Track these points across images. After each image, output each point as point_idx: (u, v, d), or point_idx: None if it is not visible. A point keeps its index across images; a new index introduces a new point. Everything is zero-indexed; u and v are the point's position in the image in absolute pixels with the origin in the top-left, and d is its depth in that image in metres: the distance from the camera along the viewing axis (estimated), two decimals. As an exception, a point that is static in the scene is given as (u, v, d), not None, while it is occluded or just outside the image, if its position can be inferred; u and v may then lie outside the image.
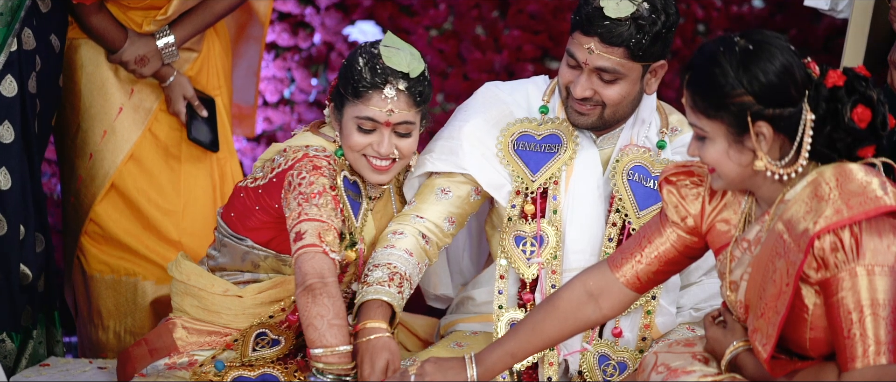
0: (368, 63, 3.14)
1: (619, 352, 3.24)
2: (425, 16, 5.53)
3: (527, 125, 3.30)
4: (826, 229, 2.44)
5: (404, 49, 3.17)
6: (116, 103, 3.95)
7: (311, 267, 3.02)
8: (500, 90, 3.38)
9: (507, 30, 5.54)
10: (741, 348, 2.66)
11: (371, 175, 3.22)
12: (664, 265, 2.80)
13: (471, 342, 3.35)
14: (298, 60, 5.58)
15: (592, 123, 3.24)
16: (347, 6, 5.54)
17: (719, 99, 2.53)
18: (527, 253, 3.23)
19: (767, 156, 2.54)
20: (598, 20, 3.10)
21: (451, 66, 5.52)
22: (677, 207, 2.75)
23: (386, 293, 3.13)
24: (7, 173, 3.53)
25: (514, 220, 3.25)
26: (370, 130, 3.17)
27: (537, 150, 3.27)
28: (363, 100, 3.14)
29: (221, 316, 3.28)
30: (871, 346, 2.42)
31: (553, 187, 3.25)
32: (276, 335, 3.23)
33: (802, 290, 2.51)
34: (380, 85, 3.13)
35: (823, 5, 3.90)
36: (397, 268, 3.18)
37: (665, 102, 3.45)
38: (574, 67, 3.18)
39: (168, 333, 3.29)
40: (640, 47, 3.12)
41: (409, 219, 3.29)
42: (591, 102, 3.20)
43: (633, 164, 3.25)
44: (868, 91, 2.49)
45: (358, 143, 3.18)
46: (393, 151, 3.18)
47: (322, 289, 2.99)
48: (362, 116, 3.15)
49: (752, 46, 2.52)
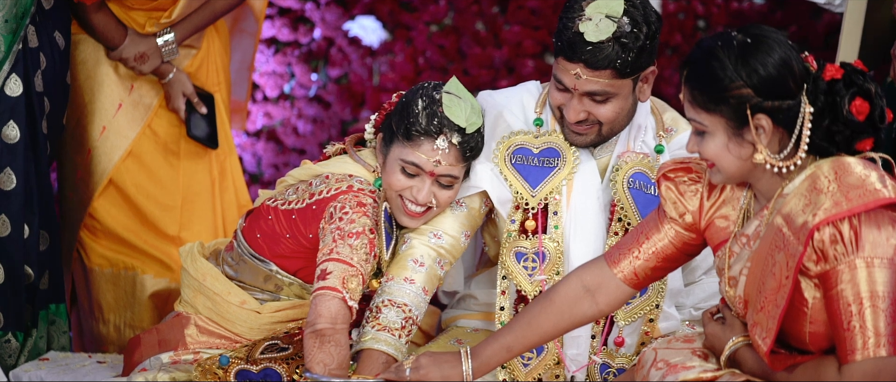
0: (427, 108, 3.09)
1: (618, 359, 3.23)
2: (425, 11, 5.53)
3: (523, 138, 3.24)
4: (825, 220, 2.44)
5: (465, 100, 3.12)
6: (116, 100, 3.95)
7: (327, 310, 2.98)
8: (495, 100, 3.30)
9: (508, 25, 5.54)
10: (740, 343, 2.66)
11: (403, 218, 3.18)
12: (662, 262, 2.79)
13: (471, 339, 3.34)
14: (298, 55, 5.58)
15: (592, 141, 3.19)
16: (347, 1, 5.54)
17: (718, 92, 2.53)
18: (528, 269, 3.19)
19: (767, 149, 2.54)
20: (581, 46, 3.01)
21: (452, 61, 5.52)
22: (675, 203, 2.75)
23: (393, 345, 3.09)
24: (11, 173, 3.52)
25: (513, 236, 3.21)
26: (413, 175, 3.13)
27: (535, 164, 3.22)
28: (413, 144, 3.10)
29: (235, 326, 3.27)
30: (871, 338, 2.42)
31: (554, 202, 3.19)
32: (286, 344, 3.21)
33: (802, 283, 2.50)
34: (433, 134, 3.09)
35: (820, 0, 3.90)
36: (411, 312, 3.13)
37: (664, 98, 3.43)
38: (563, 90, 3.12)
39: (180, 327, 3.27)
40: (626, 65, 3.04)
41: (426, 238, 3.22)
42: (587, 122, 3.14)
43: (633, 171, 3.20)
44: (866, 84, 2.50)
45: (399, 184, 3.13)
46: (431, 200, 3.15)
47: (331, 336, 2.96)
48: (408, 160, 3.11)
49: (751, 40, 2.53)
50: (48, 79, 3.62)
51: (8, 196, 3.52)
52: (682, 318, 3.34)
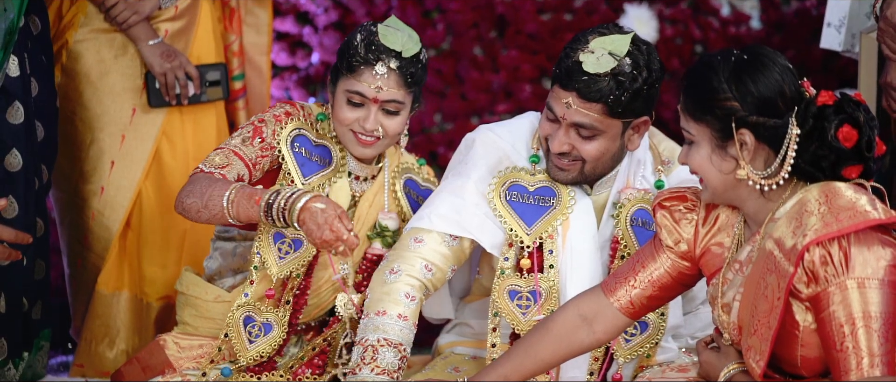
0: (365, 40, 3.21)
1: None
2: (423, 36, 5.47)
3: (519, 175, 3.23)
4: (815, 241, 2.45)
5: (403, 31, 3.23)
6: (129, 105, 3.90)
7: (187, 182, 3.21)
8: (495, 135, 3.29)
9: (505, 50, 5.55)
10: (735, 370, 2.67)
11: (355, 148, 3.27)
12: (658, 291, 2.80)
13: (468, 367, 3.34)
14: (296, 80, 5.59)
15: (573, 178, 3.17)
16: (345, 26, 5.55)
17: (707, 102, 2.57)
18: (522, 308, 3.18)
19: (750, 165, 2.56)
20: (577, 75, 3.01)
21: (449, 85, 5.53)
22: (671, 231, 2.76)
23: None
24: (13, 201, 3.51)
25: (507, 273, 3.20)
26: (359, 105, 3.23)
27: (530, 202, 3.21)
28: (355, 75, 3.21)
29: (215, 322, 3.32)
30: (865, 358, 2.42)
31: (549, 241, 3.18)
32: (264, 318, 3.24)
33: (793, 306, 2.51)
34: (372, 61, 3.20)
35: (837, 47, 3.87)
36: (405, 351, 3.10)
37: (662, 122, 3.43)
38: (553, 120, 3.12)
39: (159, 350, 3.30)
40: (618, 104, 3.03)
41: (419, 270, 3.18)
42: (570, 157, 3.13)
43: (636, 209, 3.20)
44: (856, 113, 2.51)
45: (346, 117, 3.24)
46: (378, 128, 3.23)
47: (193, 179, 3.18)
48: (352, 90, 3.22)
49: (748, 57, 2.57)
50: (39, 104, 3.60)
51: (11, 225, 3.49)
52: (679, 345, 3.34)
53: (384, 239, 3.34)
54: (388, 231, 3.35)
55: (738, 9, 5.69)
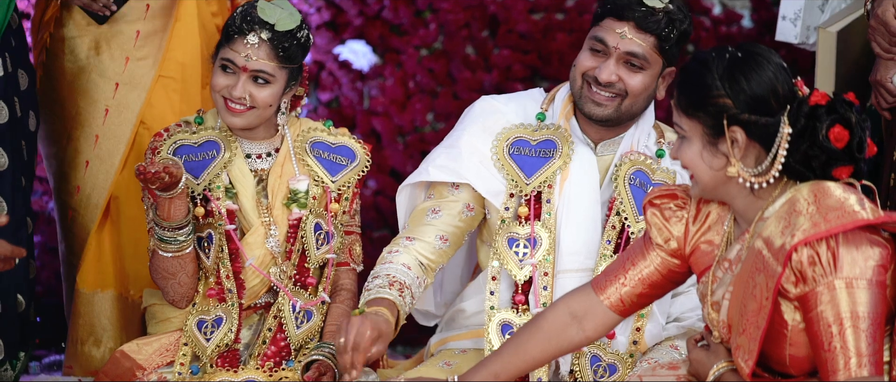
0: (243, 11, 3.32)
1: (610, 354, 3.26)
2: (415, 35, 5.55)
3: (522, 131, 3.34)
4: (803, 241, 2.45)
5: (285, 8, 3.33)
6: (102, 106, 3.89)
7: None
8: (496, 101, 3.42)
9: (497, 49, 5.56)
10: (724, 368, 2.67)
11: (226, 116, 3.35)
12: (648, 289, 2.80)
13: (459, 360, 3.34)
14: (288, 79, 5.58)
15: (608, 114, 3.28)
16: (338, 25, 5.56)
17: (700, 98, 2.58)
18: (519, 255, 3.27)
19: (740, 162, 2.57)
20: (636, 6, 3.19)
21: (441, 85, 5.54)
22: (661, 229, 2.77)
23: (386, 293, 3.13)
24: (2, 201, 3.51)
25: (507, 222, 3.28)
26: (231, 72, 3.32)
27: (532, 154, 3.31)
28: (230, 44, 3.31)
29: (171, 323, 3.41)
30: (853, 358, 2.43)
31: (547, 190, 3.28)
32: (214, 315, 3.33)
33: (782, 305, 2.52)
34: (245, 31, 3.29)
35: (793, 39, 3.96)
36: (396, 277, 3.17)
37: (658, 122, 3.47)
38: (599, 53, 3.24)
39: (123, 357, 3.34)
40: (668, 40, 3.22)
41: (400, 243, 3.28)
42: (614, 89, 3.24)
43: (634, 169, 3.30)
44: (848, 113, 2.52)
45: (218, 83, 3.34)
46: (246, 96, 3.31)
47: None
48: (225, 58, 3.32)
49: (742, 55, 2.58)
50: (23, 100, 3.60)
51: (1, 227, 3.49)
52: (667, 333, 3.36)
53: (299, 202, 3.41)
54: (300, 193, 3.41)
55: (729, 8, 5.70)
